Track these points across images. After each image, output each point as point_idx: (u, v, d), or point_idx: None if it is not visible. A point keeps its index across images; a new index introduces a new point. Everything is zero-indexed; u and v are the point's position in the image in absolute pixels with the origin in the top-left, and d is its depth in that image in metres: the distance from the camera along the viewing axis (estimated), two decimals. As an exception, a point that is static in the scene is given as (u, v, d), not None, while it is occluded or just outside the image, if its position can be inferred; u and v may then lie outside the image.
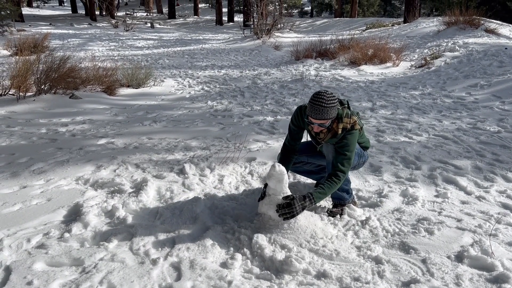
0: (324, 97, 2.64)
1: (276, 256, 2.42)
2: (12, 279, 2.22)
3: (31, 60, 6.91)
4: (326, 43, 12.45)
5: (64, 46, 14.36)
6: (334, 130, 2.78)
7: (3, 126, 5.29)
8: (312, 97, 2.69)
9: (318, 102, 2.64)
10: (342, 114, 2.77)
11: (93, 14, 31.14)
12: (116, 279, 2.23)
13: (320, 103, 2.63)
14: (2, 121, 5.51)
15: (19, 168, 3.85)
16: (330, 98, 2.65)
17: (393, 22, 20.85)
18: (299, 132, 3.05)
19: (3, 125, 5.33)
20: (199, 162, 4.07)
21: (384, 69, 9.98)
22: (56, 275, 2.26)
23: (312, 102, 2.68)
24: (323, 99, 2.64)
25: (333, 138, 2.80)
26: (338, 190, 2.96)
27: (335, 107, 2.69)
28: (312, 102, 2.67)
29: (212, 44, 17.80)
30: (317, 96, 2.67)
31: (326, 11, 43.79)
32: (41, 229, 2.76)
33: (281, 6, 20.96)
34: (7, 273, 2.27)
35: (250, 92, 8.07)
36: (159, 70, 10.62)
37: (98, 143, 4.73)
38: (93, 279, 2.22)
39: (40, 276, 2.24)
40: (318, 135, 2.87)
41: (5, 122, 5.47)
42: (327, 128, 2.80)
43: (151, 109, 6.67)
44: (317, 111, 2.65)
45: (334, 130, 2.78)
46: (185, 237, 2.66)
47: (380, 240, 2.68)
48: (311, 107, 2.68)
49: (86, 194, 3.30)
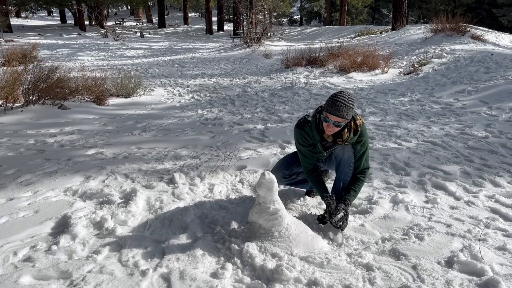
0: (346, 96, 2.71)
1: (267, 265, 2.41)
2: (-3, 293, 2.17)
3: (19, 70, 6.85)
4: (316, 51, 12.54)
5: (53, 56, 14.27)
6: (354, 128, 2.85)
7: (-10, 138, 5.22)
8: (335, 95, 2.73)
9: (340, 99, 2.68)
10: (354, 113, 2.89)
11: (82, 24, 31.10)
12: (105, 292, 2.19)
13: (344, 100, 2.68)
14: (-11, 133, 5.44)
15: (6, 180, 3.79)
16: (351, 98, 2.73)
17: (381, 30, 21.12)
18: (312, 149, 2.99)
19: (-10, 137, 5.26)
20: (189, 171, 4.05)
21: (373, 76, 10.07)
22: (43, 288, 2.22)
23: (334, 98, 2.71)
24: (345, 97, 2.69)
25: (354, 137, 2.89)
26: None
27: (353, 109, 2.76)
28: (334, 98, 2.70)
29: (202, 53, 17.82)
30: (339, 93, 2.73)
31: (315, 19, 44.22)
32: (28, 241, 2.72)
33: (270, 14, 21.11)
34: (-8, 288, 2.23)
35: (241, 100, 8.08)
36: (149, 79, 10.60)
37: (87, 154, 4.68)
38: (81, 292, 2.18)
39: (26, 290, 2.20)
40: (340, 137, 2.86)
41: (-8, 134, 5.41)
42: (347, 129, 2.84)
43: (140, 119, 6.64)
44: (338, 107, 2.66)
45: (354, 129, 2.86)
46: (174, 248, 2.64)
47: (370, 247, 2.68)
48: (332, 102, 2.69)
49: (75, 205, 3.26)
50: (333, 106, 2.68)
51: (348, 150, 2.92)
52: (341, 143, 2.89)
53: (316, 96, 8.23)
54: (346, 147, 2.92)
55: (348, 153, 2.92)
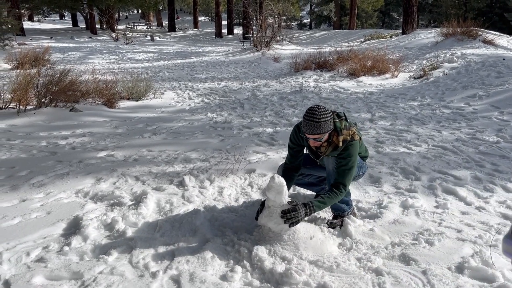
0: (316, 112, 2.66)
1: (276, 268, 2.41)
2: (11, 293, 2.21)
3: (31, 73, 6.95)
4: (325, 54, 12.54)
5: (65, 60, 14.44)
6: (335, 143, 2.78)
7: (3, 140, 5.30)
8: (305, 113, 2.71)
9: (310, 118, 2.66)
10: (340, 126, 2.78)
11: (93, 28, 31.40)
12: (116, 293, 2.22)
13: (313, 118, 2.65)
14: (3, 135, 5.53)
15: (19, 181, 3.85)
16: (323, 113, 2.66)
17: (391, 34, 21.02)
18: (299, 150, 3.05)
19: (3, 139, 5.34)
20: (199, 174, 4.07)
21: (383, 80, 10.04)
22: (55, 289, 2.25)
23: (305, 118, 2.69)
24: (315, 115, 2.65)
25: (334, 151, 2.80)
26: (338, 202, 2.96)
27: (329, 121, 2.69)
28: (305, 118, 2.69)
29: (211, 56, 17.91)
30: (310, 112, 2.69)
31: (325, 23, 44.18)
32: (40, 242, 2.76)
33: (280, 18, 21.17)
34: (6, 287, 2.26)
35: (250, 103, 8.11)
36: (159, 83, 10.68)
37: (98, 156, 4.74)
38: (92, 293, 2.21)
39: (39, 290, 2.23)
40: (319, 149, 2.87)
41: (5, 136, 5.49)
42: (327, 142, 2.81)
43: (151, 122, 6.69)
44: (310, 126, 2.66)
45: (334, 143, 2.78)
46: (184, 250, 2.66)
47: (380, 252, 2.68)
48: (304, 123, 2.70)
49: (86, 207, 3.30)
50: (306, 126, 2.69)
51: (332, 162, 2.86)
52: (321, 154, 2.89)
53: (325, 100, 8.22)
54: (330, 159, 2.86)
55: (332, 164, 2.87)
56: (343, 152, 2.79)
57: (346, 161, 2.78)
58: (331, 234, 2.89)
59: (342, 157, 2.79)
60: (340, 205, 3.01)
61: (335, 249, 2.73)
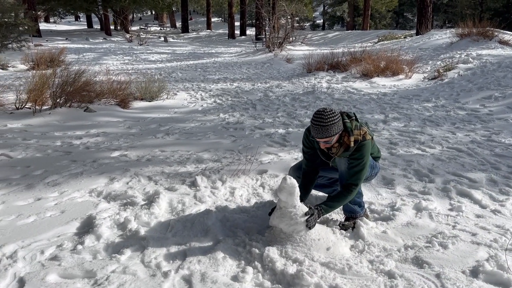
0: (323, 115, 2.64)
1: (288, 269, 2.41)
2: (25, 290, 2.24)
3: (47, 74, 7.05)
4: (338, 55, 12.48)
5: (80, 60, 14.64)
6: (346, 143, 2.77)
7: (19, 139, 5.39)
8: (312, 117, 2.71)
9: (318, 122, 2.65)
10: (351, 127, 2.76)
11: (108, 29, 31.78)
12: (128, 292, 2.23)
13: (320, 122, 2.64)
14: (18, 134, 5.62)
15: (34, 180, 3.91)
16: (330, 115, 2.64)
17: (405, 34, 20.84)
18: (314, 153, 3.04)
19: (19, 138, 5.43)
20: (211, 175, 4.08)
21: (397, 81, 9.95)
22: (69, 287, 2.28)
23: (313, 122, 2.69)
24: (322, 118, 2.64)
25: (346, 152, 2.79)
26: (350, 203, 2.95)
27: (337, 123, 2.67)
28: (313, 122, 2.69)
29: (224, 57, 17.97)
30: (317, 115, 2.67)
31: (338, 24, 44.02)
32: (54, 241, 2.79)
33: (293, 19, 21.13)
34: (20, 285, 2.30)
35: (262, 104, 8.11)
36: (172, 83, 10.75)
37: (112, 156, 4.78)
38: (105, 292, 2.23)
39: (53, 288, 2.26)
40: (331, 150, 2.86)
41: (21, 135, 5.58)
42: (338, 143, 2.79)
43: (164, 122, 6.74)
44: (318, 130, 2.66)
45: (346, 144, 2.77)
46: (196, 250, 2.67)
47: (393, 254, 2.65)
48: (312, 127, 2.69)
49: (99, 206, 3.33)
50: (313, 130, 2.69)
51: (345, 163, 2.84)
52: (333, 155, 2.88)
53: (338, 101, 8.18)
54: (342, 160, 2.84)
55: (344, 165, 2.85)
56: (355, 153, 2.77)
57: (358, 161, 2.76)
58: (343, 236, 2.88)
59: (354, 157, 2.77)
60: (352, 206, 2.99)
61: (347, 251, 2.71)
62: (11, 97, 6.95)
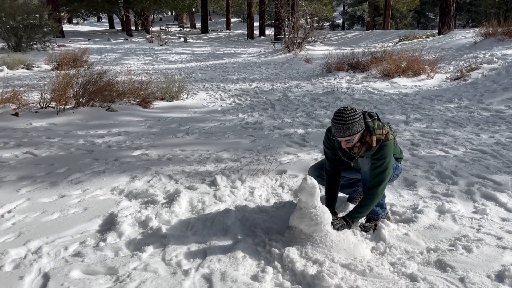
0: (344, 114, 2.63)
1: (308, 270, 2.39)
2: (50, 285, 2.28)
3: (70, 74, 7.19)
4: (358, 55, 12.37)
5: (102, 61, 14.89)
6: (368, 143, 2.74)
7: (44, 138, 5.51)
8: (333, 116, 2.70)
9: (338, 120, 2.64)
10: (373, 126, 2.73)
11: (129, 30, 32.25)
12: (149, 289, 2.26)
13: (341, 121, 2.63)
14: (43, 133, 5.75)
15: (58, 178, 3.99)
16: (351, 114, 2.63)
17: (427, 34, 20.51)
18: (336, 153, 3.02)
19: (43, 137, 5.55)
20: (230, 174, 4.10)
21: (418, 81, 9.79)
22: (91, 283, 2.32)
23: (334, 121, 2.68)
24: (343, 116, 2.63)
25: (368, 151, 2.76)
26: (372, 205, 2.91)
27: (358, 122, 2.65)
28: (334, 121, 2.68)
29: (243, 57, 18.01)
30: (338, 114, 2.67)
31: (358, 24, 43.63)
32: (77, 237, 2.84)
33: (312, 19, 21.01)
34: (45, 280, 2.35)
35: (281, 104, 8.09)
36: (192, 84, 10.83)
37: (133, 155, 4.84)
38: (126, 288, 2.26)
39: (76, 284, 2.30)
40: (352, 150, 2.83)
41: (45, 134, 5.70)
42: (360, 142, 2.76)
43: (184, 122, 6.79)
44: (339, 129, 2.65)
45: (368, 143, 2.74)
46: (216, 249, 2.68)
47: (415, 257, 2.60)
48: (333, 126, 2.69)
49: (121, 204, 3.38)
50: (334, 129, 2.69)
51: (367, 163, 2.81)
52: (354, 155, 2.85)
53: (358, 101, 8.11)
54: (365, 160, 2.82)
55: (367, 166, 2.82)
56: (377, 153, 2.74)
57: (381, 162, 2.74)
58: (364, 237, 2.85)
59: (377, 157, 2.75)
60: (374, 208, 2.95)
61: (368, 252, 2.68)
62: (36, 97, 7.12)
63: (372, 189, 2.76)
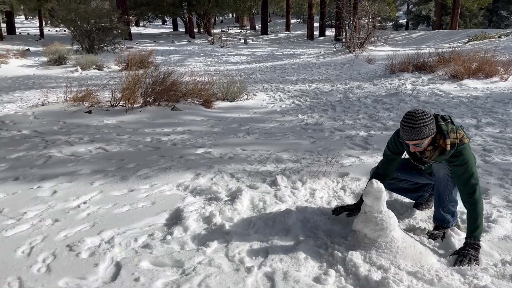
0: (414, 117, 2.53)
1: (372, 276, 2.34)
2: (122, 274, 2.42)
3: (139, 74, 7.55)
4: (424, 56, 11.86)
5: (166, 62, 15.50)
6: (442, 146, 2.62)
7: (114, 134, 5.84)
8: (402, 119, 2.60)
9: (408, 123, 2.54)
10: (447, 129, 2.61)
11: (192, 32, 33.29)
12: (213, 284, 2.32)
13: (410, 124, 2.53)
14: (113, 130, 6.09)
15: (128, 173, 4.21)
16: (421, 117, 2.52)
17: (500, 34, 19.25)
18: (394, 158, 2.94)
19: (114, 133, 5.88)
20: (291, 175, 4.10)
21: (490, 83, 9.21)
22: (159, 274, 2.42)
23: (403, 123, 2.58)
24: (413, 119, 2.52)
25: (441, 156, 2.64)
26: (443, 212, 2.79)
27: (429, 125, 2.54)
28: (403, 124, 2.58)
29: (303, 58, 17.93)
30: (407, 117, 2.57)
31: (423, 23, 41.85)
32: (146, 230, 2.98)
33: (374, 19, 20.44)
34: (117, 269, 2.48)
35: (342, 106, 7.96)
36: (252, 85, 10.95)
37: (197, 153, 5.00)
38: (192, 282, 2.33)
39: (145, 274, 2.41)
40: (424, 154, 2.73)
41: (115, 131, 6.04)
42: (432, 146, 2.66)
43: (244, 122, 6.89)
44: (408, 132, 2.55)
45: (441, 147, 2.62)
46: (277, 248, 2.69)
47: (488, 269, 2.46)
48: (402, 129, 2.59)
49: (186, 199, 3.50)
50: (403, 132, 2.58)
51: (443, 168, 2.68)
52: (427, 159, 2.72)
53: (424, 103, 7.78)
54: (441, 165, 2.69)
55: (443, 171, 2.69)
56: (456, 159, 2.62)
57: (464, 167, 2.61)
58: (431, 245, 2.73)
59: (457, 164, 2.62)
60: (445, 215, 2.83)
61: (436, 261, 2.57)
62: (107, 96, 7.55)
63: (469, 199, 2.61)
